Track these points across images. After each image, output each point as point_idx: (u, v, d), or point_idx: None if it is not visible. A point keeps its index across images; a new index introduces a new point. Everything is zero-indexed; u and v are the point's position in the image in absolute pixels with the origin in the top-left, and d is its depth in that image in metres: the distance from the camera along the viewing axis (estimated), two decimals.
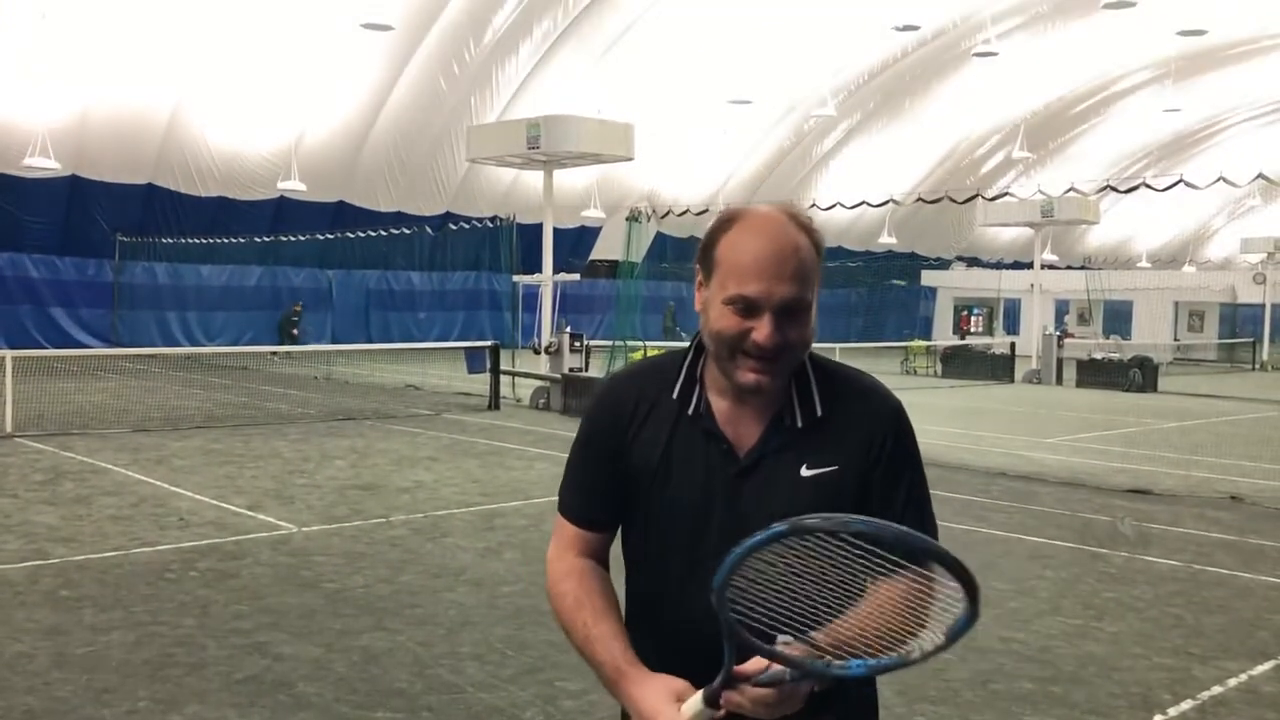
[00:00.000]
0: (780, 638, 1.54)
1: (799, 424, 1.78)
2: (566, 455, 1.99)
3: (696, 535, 1.78)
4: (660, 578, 1.84)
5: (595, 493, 1.90)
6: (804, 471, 1.76)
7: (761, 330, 1.69)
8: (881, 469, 1.78)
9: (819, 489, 1.75)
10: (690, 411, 1.81)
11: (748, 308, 1.70)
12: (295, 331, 28.60)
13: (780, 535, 1.50)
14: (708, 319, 1.77)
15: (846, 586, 1.55)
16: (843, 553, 1.50)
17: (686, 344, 1.90)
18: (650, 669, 1.73)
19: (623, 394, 1.88)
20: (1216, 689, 5.05)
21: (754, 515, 1.70)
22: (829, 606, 1.56)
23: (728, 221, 1.78)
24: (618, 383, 1.92)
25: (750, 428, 1.79)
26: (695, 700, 1.61)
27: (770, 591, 1.54)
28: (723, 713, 1.60)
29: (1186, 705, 4.84)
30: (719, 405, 1.80)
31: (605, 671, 1.76)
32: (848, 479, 1.77)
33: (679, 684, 1.66)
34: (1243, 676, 5.23)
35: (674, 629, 1.81)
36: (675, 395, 1.83)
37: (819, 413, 1.78)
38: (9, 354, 14.32)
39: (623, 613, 1.88)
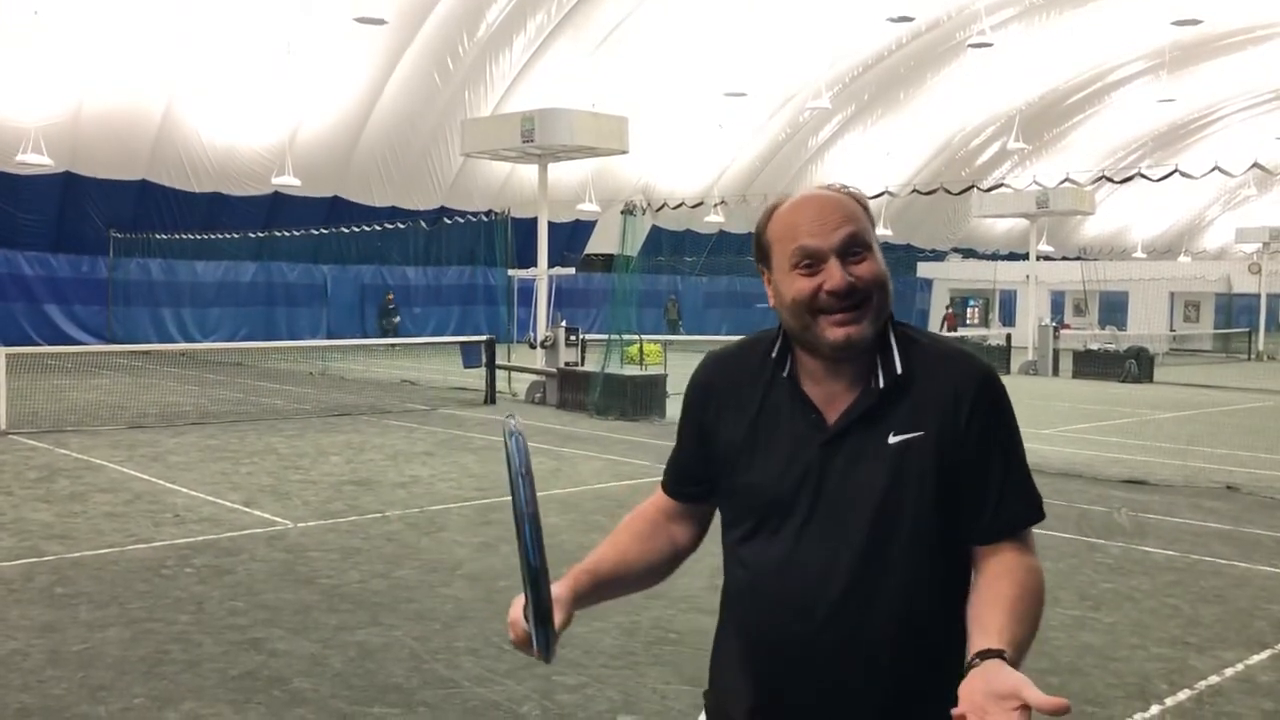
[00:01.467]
0: None
1: (881, 384, 1.74)
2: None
3: (784, 509, 1.76)
4: (748, 556, 1.82)
5: (683, 469, 1.95)
6: (891, 439, 1.72)
7: (832, 275, 1.69)
8: (974, 442, 1.72)
9: (906, 456, 1.71)
10: (785, 374, 1.80)
11: (811, 261, 1.71)
12: (397, 320, 29.28)
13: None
14: (782, 299, 1.76)
15: None
16: None
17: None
18: (739, 651, 1.82)
19: (713, 370, 1.91)
20: (1213, 678, 5.05)
21: (839, 486, 1.72)
22: None
23: (770, 210, 1.82)
24: (709, 361, 1.94)
25: (840, 398, 1.77)
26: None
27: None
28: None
29: (1183, 695, 4.84)
30: (810, 386, 1.79)
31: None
32: (932, 445, 1.72)
33: (563, 594, 1.77)
34: (1239, 666, 5.23)
35: (757, 604, 1.80)
36: (774, 356, 1.82)
37: (898, 370, 1.74)
38: (3, 351, 14.23)
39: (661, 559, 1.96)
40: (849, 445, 1.74)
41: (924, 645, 1.71)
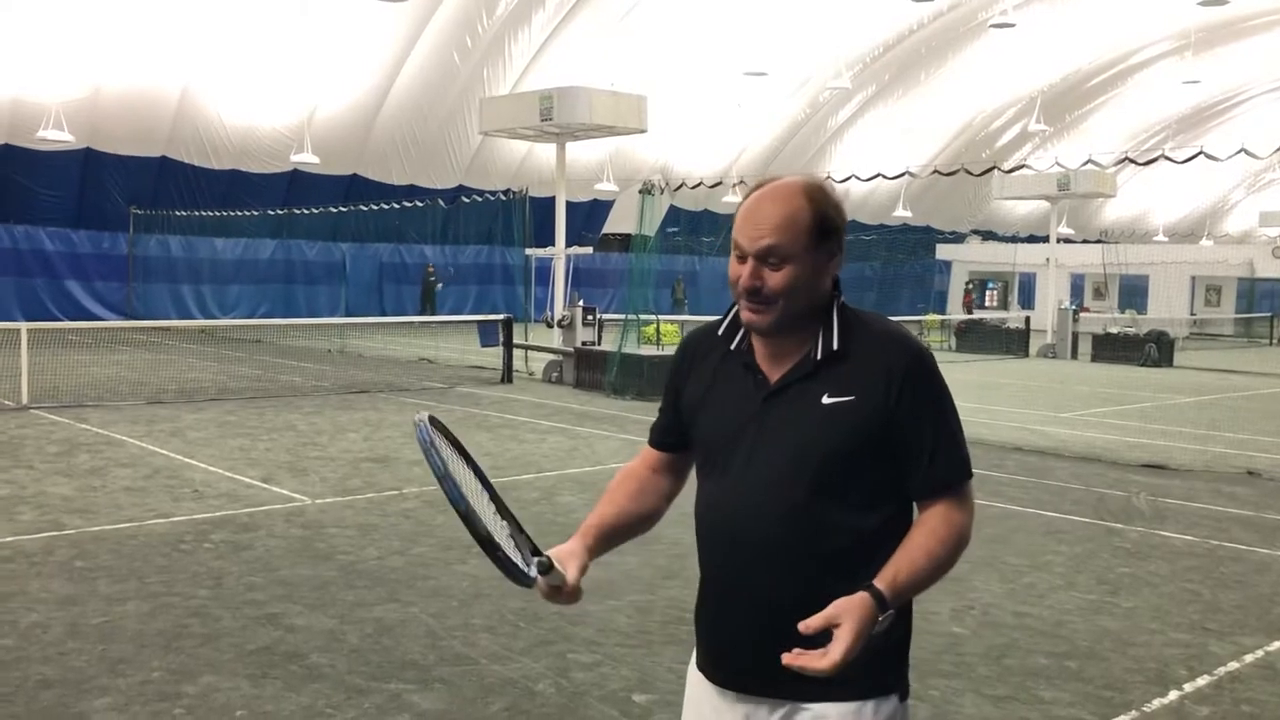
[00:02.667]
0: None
1: (818, 356, 2.00)
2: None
3: (730, 454, 2.05)
4: (703, 495, 2.13)
5: (662, 422, 2.27)
6: (824, 400, 1.98)
7: (744, 275, 1.99)
8: (905, 411, 1.97)
9: (835, 415, 1.97)
10: (733, 347, 2.10)
11: (740, 255, 2.00)
12: (439, 286, 29.65)
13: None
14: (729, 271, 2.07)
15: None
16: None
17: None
18: (701, 577, 2.15)
19: (688, 341, 2.26)
20: (1233, 664, 5.01)
21: (778, 436, 2.00)
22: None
23: (751, 190, 2.06)
24: (688, 335, 2.28)
25: (783, 363, 2.04)
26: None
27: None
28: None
29: (1203, 681, 4.81)
30: (760, 348, 2.07)
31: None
32: (864, 412, 1.96)
33: (575, 550, 2.08)
34: (1259, 652, 5.20)
35: (706, 528, 2.11)
36: (720, 333, 2.13)
37: (835, 347, 2.00)
38: (24, 326, 14.36)
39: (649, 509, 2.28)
40: (785, 401, 2.01)
41: (842, 578, 1.91)
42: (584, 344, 16.62)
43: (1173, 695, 4.64)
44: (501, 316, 18.06)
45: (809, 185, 2.03)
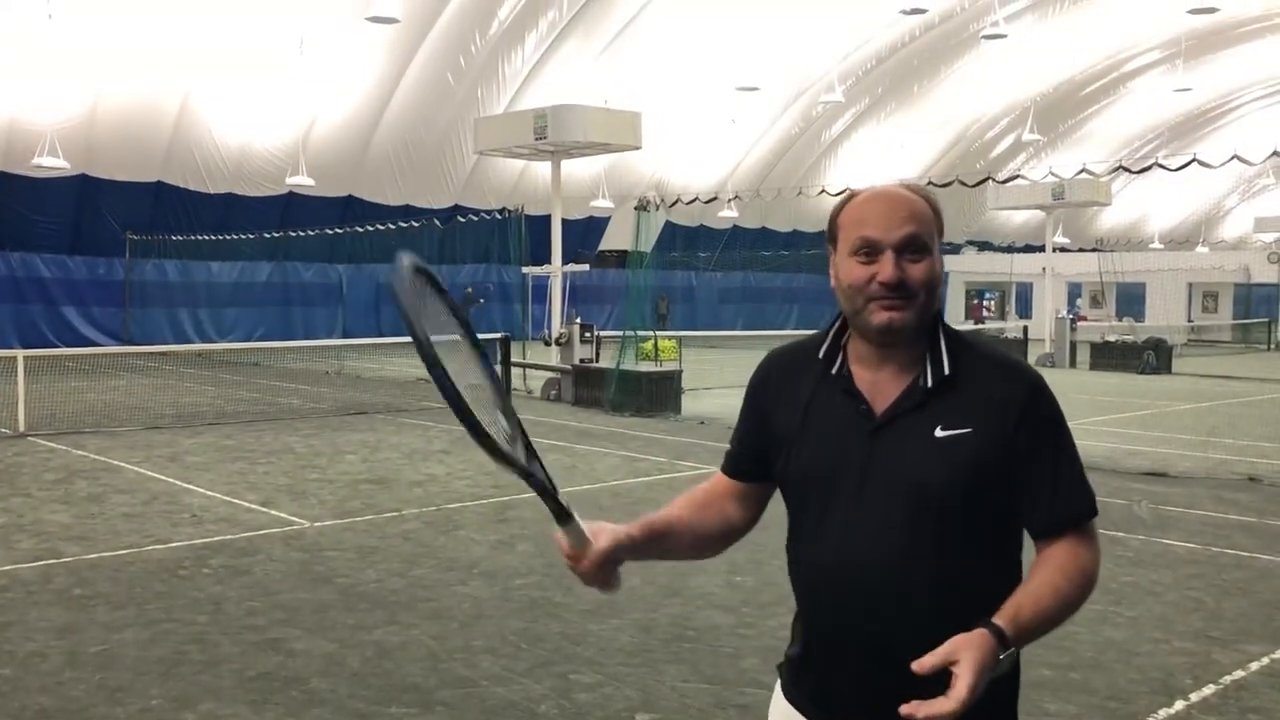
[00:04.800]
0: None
1: (929, 383, 1.88)
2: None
3: (829, 490, 1.91)
4: (797, 532, 1.99)
5: (741, 450, 2.10)
6: (938, 433, 1.85)
7: (885, 268, 1.84)
8: (1026, 445, 1.85)
9: (952, 450, 1.84)
10: (833, 372, 1.95)
11: (870, 251, 1.86)
12: (480, 300, 29.57)
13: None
14: (840, 281, 1.93)
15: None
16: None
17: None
18: (800, 619, 2.01)
19: (772, 364, 2.09)
20: (1238, 673, 4.99)
21: (885, 472, 1.86)
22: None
23: (848, 197, 1.97)
24: (771, 354, 2.12)
25: (888, 390, 1.90)
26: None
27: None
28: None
29: (1208, 690, 4.78)
30: (860, 372, 1.94)
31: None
32: (981, 444, 1.84)
33: (614, 529, 1.91)
34: (1265, 660, 5.17)
35: (808, 578, 1.97)
36: (821, 356, 1.98)
37: (947, 371, 1.88)
38: (21, 353, 14.34)
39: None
40: (895, 434, 1.87)
41: (960, 623, 1.76)
42: (582, 361, 16.61)
43: (1179, 705, 4.61)
44: (499, 335, 18.05)
45: (913, 186, 1.95)
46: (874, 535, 1.85)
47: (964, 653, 1.67)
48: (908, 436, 1.86)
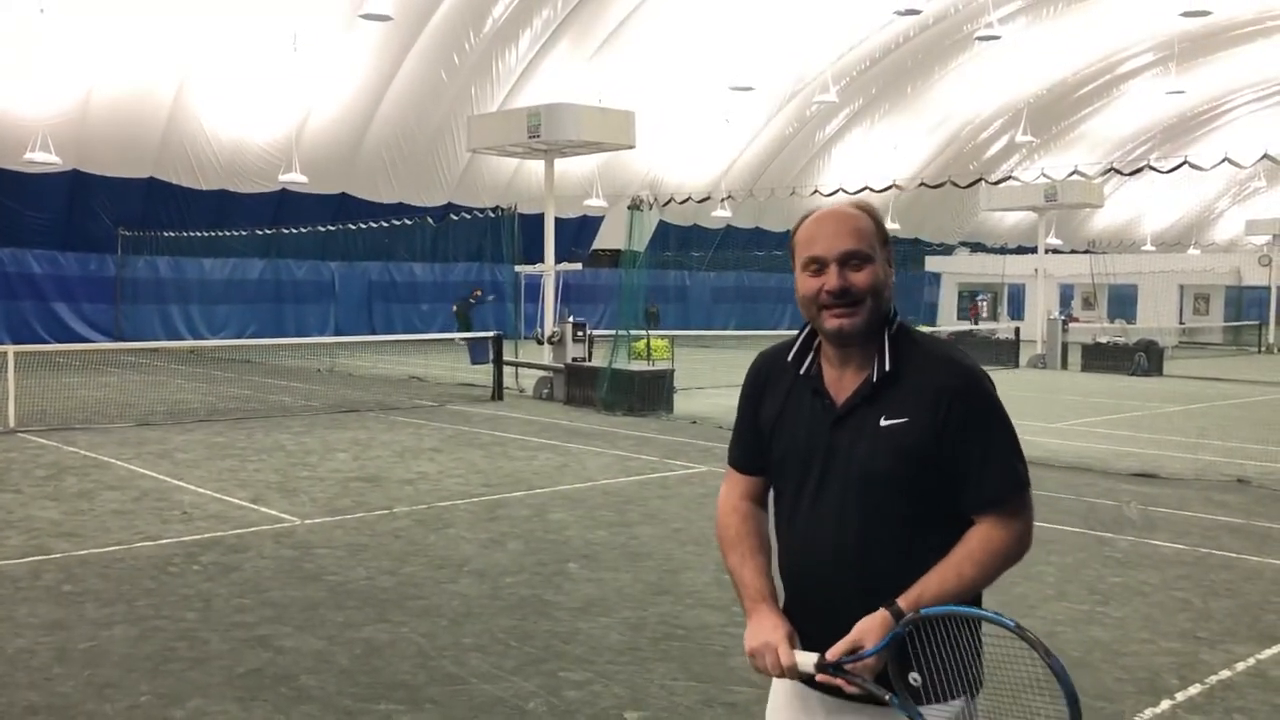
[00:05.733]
0: (911, 675, 2.00)
1: (875, 379, 2.11)
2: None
3: (803, 476, 2.16)
4: (780, 511, 2.24)
5: (742, 441, 2.34)
6: (882, 422, 2.08)
7: (830, 279, 2.09)
8: (954, 431, 2.05)
9: (891, 438, 2.07)
10: (802, 372, 2.20)
11: (818, 266, 2.11)
12: (486, 301, 29.54)
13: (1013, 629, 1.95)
14: (798, 293, 2.17)
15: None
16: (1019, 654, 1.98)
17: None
18: (784, 588, 2.22)
19: (761, 362, 2.33)
20: (1224, 673, 5.01)
21: (842, 458, 2.11)
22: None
23: (801, 219, 2.20)
24: (760, 355, 2.36)
25: (848, 385, 2.15)
26: (806, 657, 2.04)
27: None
28: (816, 677, 2.03)
29: (1194, 690, 4.81)
30: (828, 370, 2.18)
31: (745, 596, 2.20)
32: (915, 432, 2.06)
33: (790, 627, 2.10)
34: (1251, 660, 5.19)
35: (787, 553, 2.23)
36: (790, 359, 2.23)
37: (888, 368, 2.10)
38: (11, 349, 14.30)
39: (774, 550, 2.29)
40: (851, 425, 2.12)
41: (906, 587, 2.03)
42: (574, 360, 16.61)
43: (1164, 705, 4.64)
44: (492, 333, 18.05)
45: (857, 202, 2.18)
46: (835, 518, 2.11)
47: (868, 638, 1.97)
48: (860, 427, 2.10)
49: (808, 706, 2.18)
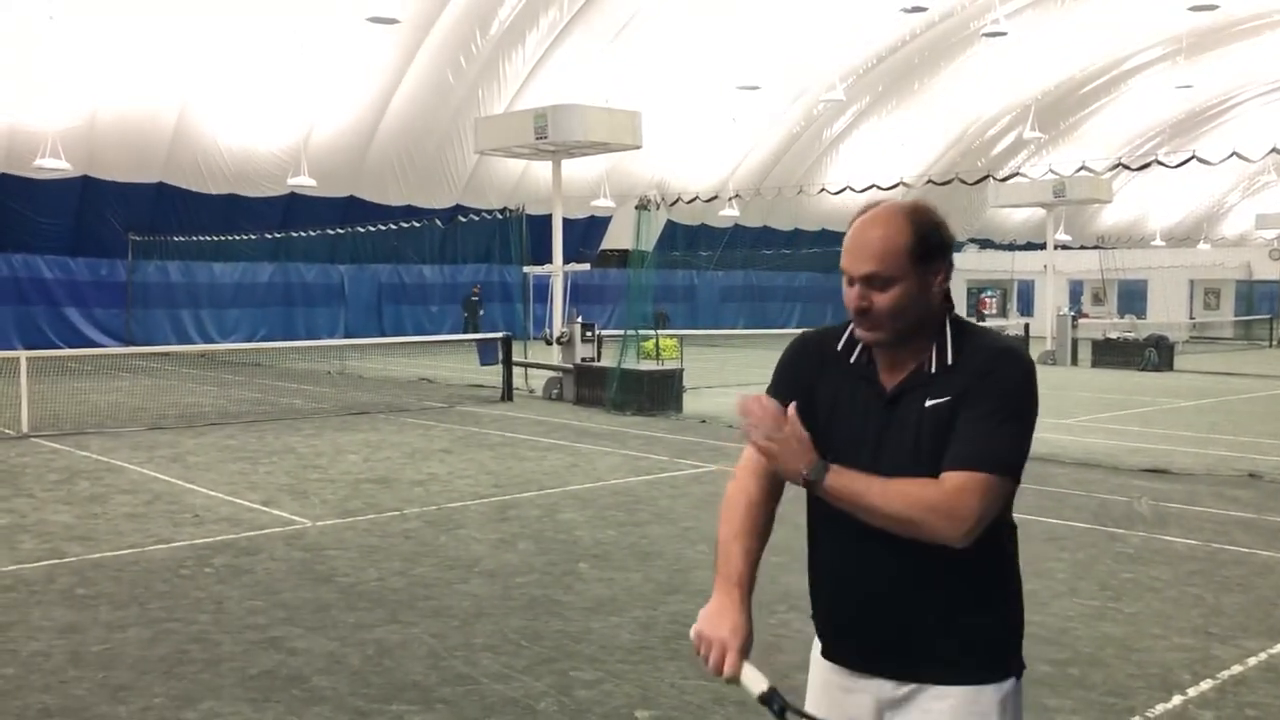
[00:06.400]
0: None
1: (932, 370, 2.14)
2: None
3: (853, 460, 2.12)
4: (829, 509, 2.16)
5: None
6: (927, 403, 2.11)
7: (849, 296, 2.14)
8: (973, 399, 2.07)
9: (935, 417, 2.10)
10: (852, 361, 2.22)
11: (849, 279, 2.14)
12: (481, 313, 29.58)
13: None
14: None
15: None
16: None
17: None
18: (824, 576, 2.26)
19: (811, 345, 2.31)
20: (1236, 668, 5.01)
21: (893, 441, 2.12)
22: None
23: (856, 215, 2.19)
24: (809, 336, 2.35)
25: (897, 374, 2.17)
26: (754, 677, 2.05)
27: None
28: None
29: (1206, 685, 4.80)
30: (880, 359, 2.20)
31: (721, 573, 2.24)
32: (953, 408, 2.09)
33: (749, 633, 2.16)
34: (1263, 655, 5.18)
35: (832, 544, 2.22)
36: (840, 349, 2.24)
37: (949, 362, 2.13)
38: (24, 354, 14.37)
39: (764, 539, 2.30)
40: (900, 410, 2.14)
41: (955, 566, 2.07)
42: (583, 360, 16.63)
43: (1176, 700, 4.63)
44: (500, 334, 18.07)
45: (909, 207, 2.16)
46: None
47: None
48: (908, 410, 2.13)
49: (846, 687, 2.22)
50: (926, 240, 2.12)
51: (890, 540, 2.07)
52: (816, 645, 2.33)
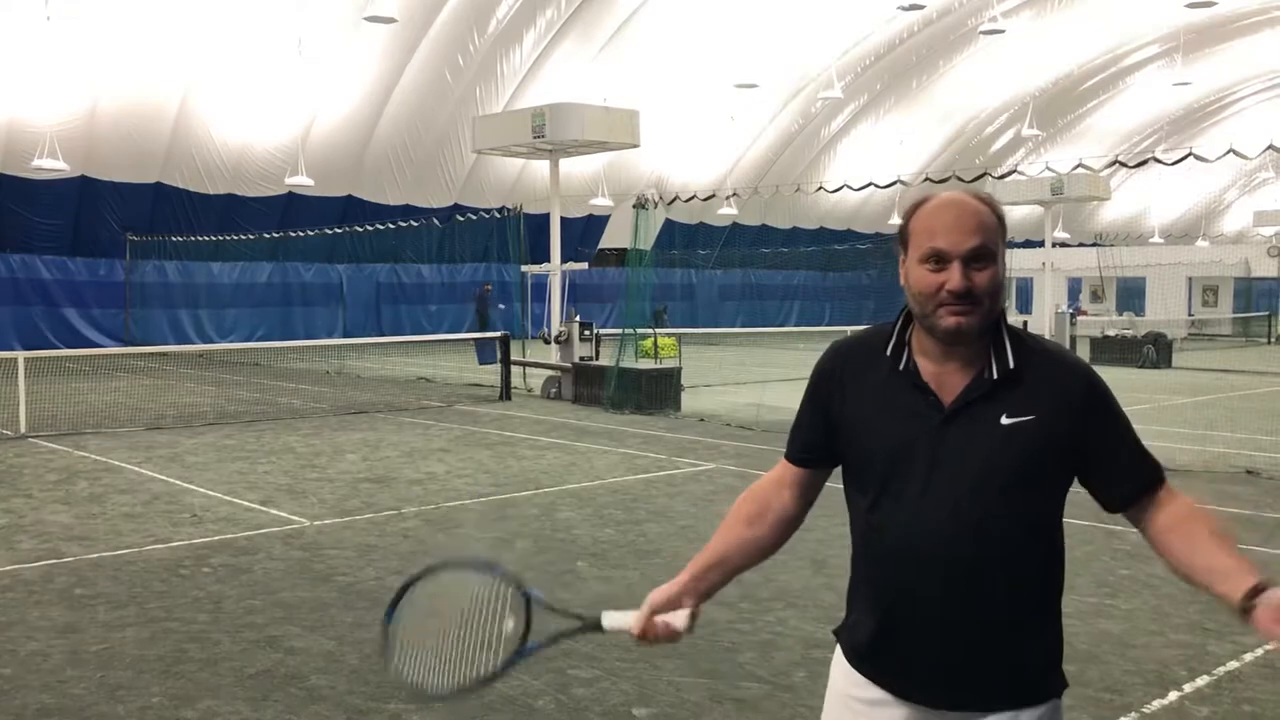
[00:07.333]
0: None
1: (995, 376, 2.01)
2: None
3: (904, 477, 2.03)
4: (872, 514, 2.10)
5: (806, 436, 2.22)
6: (1003, 420, 1.99)
7: (953, 278, 1.97)
8: (1094, 434, 2.03)
9: (1017, 436, 1.99)
10: (901, 367, 2.08)
11: (939, 260, 1.98)
12: (499, 308, 29.65)
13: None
14: (910, 285, 2.05)
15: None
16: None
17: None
18: (867, 596, 2.12)
19: (837, 356, 2.19)
20: (1232, 664, 5.02)
21: (955, 458, 2.00)
22: None
23: (918, 204, 2.08)
24: (841, 344, 2.23)
25: (954, 382, 2.04)
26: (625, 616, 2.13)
27: None
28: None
29: (1202, 681, 4.81)
30: (925, 365, 2.06)
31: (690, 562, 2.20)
32: (1043, 430, 1.99)
33: (665, 606, 2.13)
34: (1259, 651, 5.19)
35: (885, 559, 2.09)
36: (888, 352, 2.10)
37: (1011, 365, 2.01)
38: (22, 354, 14.37)
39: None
40: (963, 423, 2.01)
41: (1025, 593, 2.04)
42: (581, 359, 16.63)
43: (1172, 696, 4.64)
44: (499, 334, 18.08)
45: (974, 192, 2.08)
46: (948, 515, 2.00)
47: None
48: (976, 424, 2.00)
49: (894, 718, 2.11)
50: (1003, 221, 2.06)
51: (958, 562, 1.99)
52: (838, 650, 2.24)
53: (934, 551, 2.00)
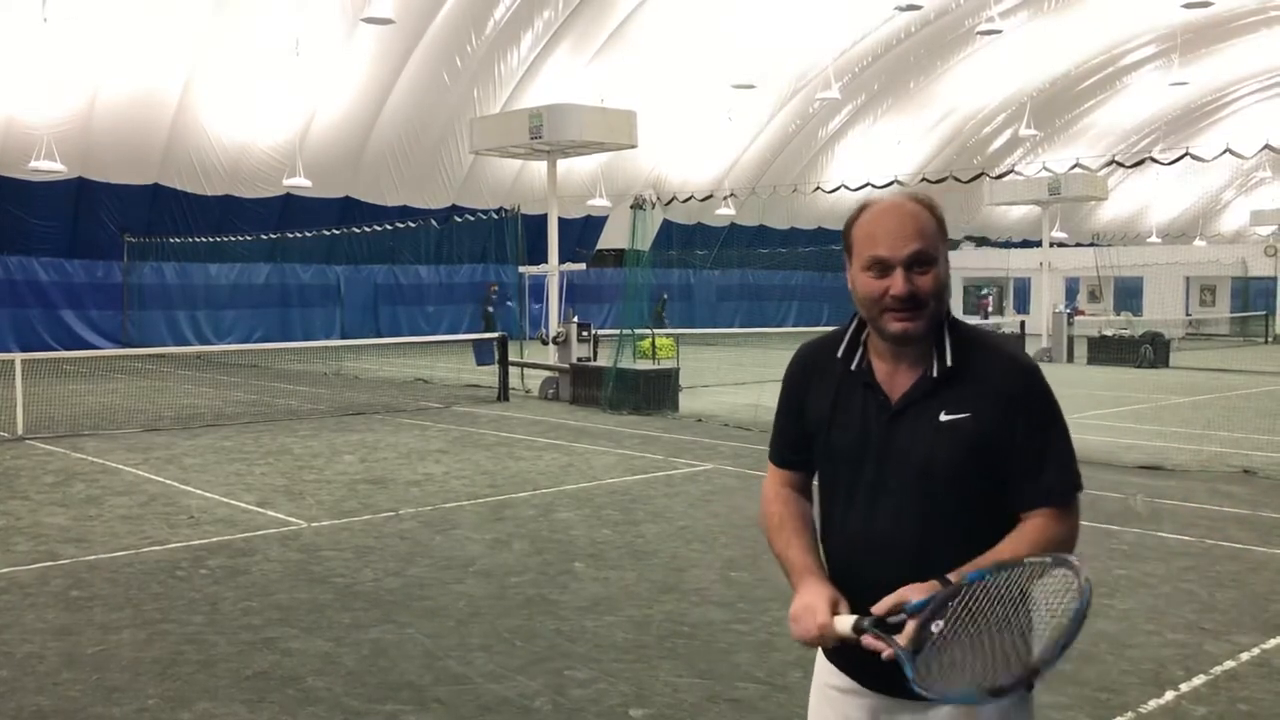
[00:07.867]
0: (935, 624, 1.89)
1: (935, 374, 2.09)
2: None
3: (856, 470, 2.14)
4: (831, 505, 2.22)
5: (785, 439, 2.32)
6: (941, 417, 2.07)
7: (895, 283, 2.03)
8: (1020, 431, 2.06)
9: (953, 433, 2.06)
10: (853, 368, 2.17)
11: (882, 268, 2.05)
12: (509, 304, 29.70)
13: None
14: (855, 291, 2.12)
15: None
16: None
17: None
18: (839, 587, 2.12)
19: (804, 358, 2.29)
20: (1229, 663, 5.02)
21: (900, 453, 2.09)
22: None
23: (859, 211, 2.13)
24: (801, 350, 2.32)
25: (903, 381, 2.12)
26: (846, 620, 2.00)
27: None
28: (858, 639, 1.97)
29: (1199, 680, 4.81)
30: (879, 365, 2.15)
31: (793, 572, 2.17)
32: (978, 427, 2.05)
33: (835, 594, 2.05)
34: (1255, 650, 5.20)
35: (838, 547, 2.19)
36: (840, 355, 2.19)
37: (949, 364, 2.08)
38: (19, 356, 14.35)
39: (817, 532, 2.26)
40: (908, 421, 2.10)
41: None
42: (579, 360, 16.63)
43: (1169, 696, 4.64)
44: (497, 335, 18.08)
45: (915, 195, 2.12)
46: (894, 509, 2.09)
47: (914, 595, 1.92)
48: (918, 421, 2.08)
49: (860, 706, 2.16)
50: (942, 223, 2.10)
51: (900, 553, 2.05)
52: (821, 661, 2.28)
53: (883, 544, 2.08)
